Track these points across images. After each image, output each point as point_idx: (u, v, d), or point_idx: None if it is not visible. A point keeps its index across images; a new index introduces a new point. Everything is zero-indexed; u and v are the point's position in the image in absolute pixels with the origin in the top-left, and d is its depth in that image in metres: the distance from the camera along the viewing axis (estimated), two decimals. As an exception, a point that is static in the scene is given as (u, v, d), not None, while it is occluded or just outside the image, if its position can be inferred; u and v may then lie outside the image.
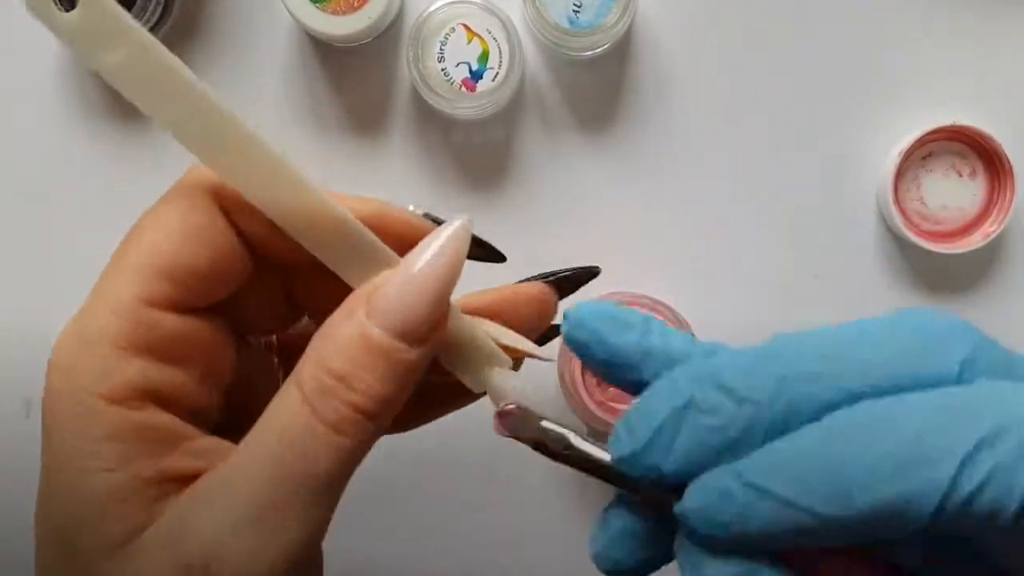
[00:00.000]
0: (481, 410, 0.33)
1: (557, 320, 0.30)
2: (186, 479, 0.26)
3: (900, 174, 0.50)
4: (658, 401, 0.23)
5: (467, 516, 0.53)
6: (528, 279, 0.32)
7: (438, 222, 0.27)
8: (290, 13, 0.47)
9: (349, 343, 0.25)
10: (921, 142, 0.50)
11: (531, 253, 0.52)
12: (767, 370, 0.23)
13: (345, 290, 0.27)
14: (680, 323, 0.47)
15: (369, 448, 0.26)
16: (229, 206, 0.27)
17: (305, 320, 0.32)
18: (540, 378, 0.50)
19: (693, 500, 0.23)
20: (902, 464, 0.21)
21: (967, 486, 0.20)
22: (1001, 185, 0.50)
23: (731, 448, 0.22)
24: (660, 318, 0.47)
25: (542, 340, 0.31)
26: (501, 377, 0.28)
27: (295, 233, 0.26)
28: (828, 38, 0.52)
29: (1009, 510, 0.20)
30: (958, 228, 0.51)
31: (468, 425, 0.53)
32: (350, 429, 0.25)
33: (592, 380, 0.47)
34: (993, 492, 0.20)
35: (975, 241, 0.50)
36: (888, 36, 0.52)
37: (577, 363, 0.47)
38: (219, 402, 0.29)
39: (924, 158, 0.51)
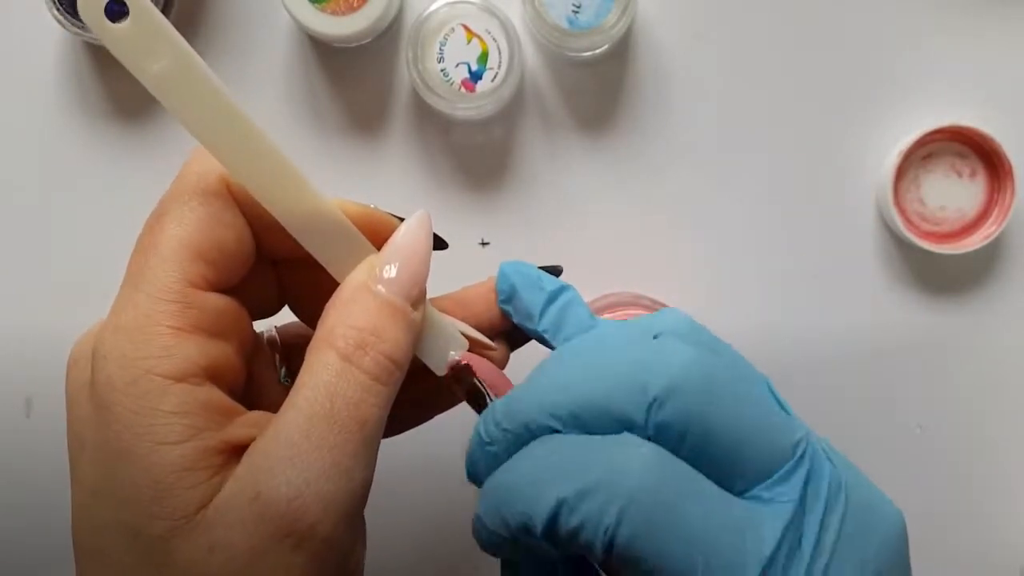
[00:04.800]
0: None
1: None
2: (244, 449, 0.28)
3: (900, 174, 0.50)
4: (474, 436, 0.31)
5: (464, 514, 0.52)
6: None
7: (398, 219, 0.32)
8: (290, 13, 0.47)
9: (372, 306, 0.29)
10: (921, 142, 0.50)
11: (531, 253, 0.52)
12: (517, 407, 0.29)
13: (324, 285, 0.30)
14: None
15: (392, 402, 0.29)
16: (235, 195, 0.30)
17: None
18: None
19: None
20: (522, 499, 0.28)
21: (566, 524, 0.27)
22: (1001, 185, 0.50)
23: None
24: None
25: (516, 344, 0.35)
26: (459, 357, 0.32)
27: (293, 228, 0.30)
28: (828, 38, 0.52)
29: (598, 549, 0.26)
30: (958, 228, 0.51)
31: (465, 424, 0.53)
32: (387, 377, 0.28)
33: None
34: (586, 534, 0.26)
35: (975, 242, 0.50)
36: (888, 36, 0.52)
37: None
38: (245, 380, 0.31)
39: (924, 158, 0.51)
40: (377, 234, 0.31)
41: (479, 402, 0.32)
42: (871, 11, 0.52)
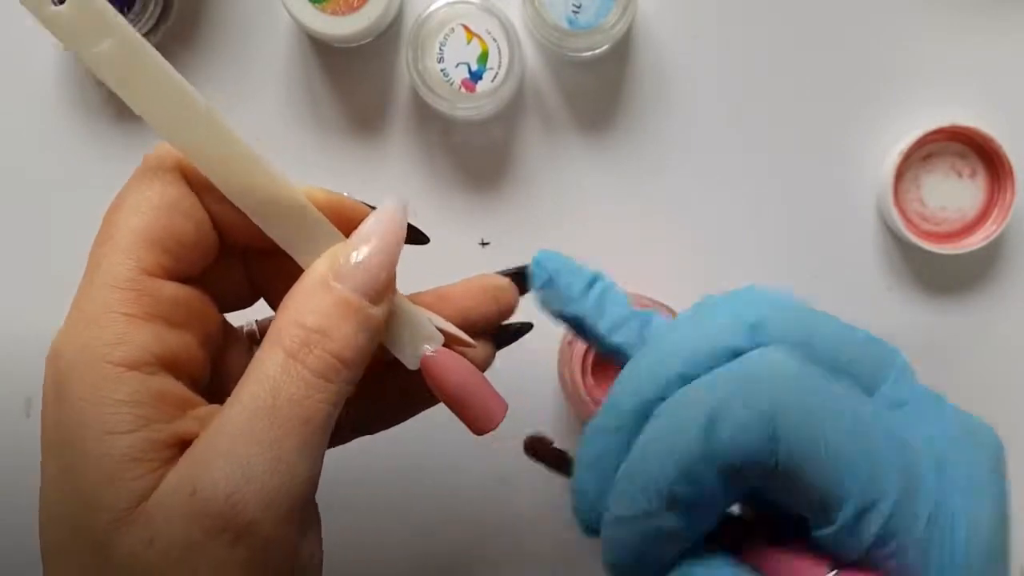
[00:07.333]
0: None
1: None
2: (192, 443, 0.27)
3: (900, 174, 0.50)
4: (583, 454, 0.29)
5: (464, 516, 0.53)
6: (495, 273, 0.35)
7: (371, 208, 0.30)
8: (290, 13, 0.47)
9: (322, 302, 0.28)
10: (921, 142, 0.50)
11: (530, 253, 0.52)
12: (619, 397, 0.29)
13: (296, 276, 0.29)
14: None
15: (347, 394, 0.29)
16: (194, 184, 0.29)
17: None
18: (539, 380, 0.50)
19: (602, 556, 0.29)
20: (670, 448, 0.26)
21: (723, 435, 0.25)
22: (1001, 185, 0.50)
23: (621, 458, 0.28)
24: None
25: (501, 343, 0.35)
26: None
27: (251, 211, 0.29)
28: (828, 38, 0.52)
29: (765, 453, 0.25)
30: (958, 229, 0.51)
31: (452, 428, 0.53)
32: (332, 375, 0.28)
33: (592, 381, 0.47)
34: (749, 437, 0.25)
35: (975, 242, 0.50)
36: (888, 36, 0.52)
37: (577, 363, 0.47)
38: (210, 373, 0.30)
39: (924, 158, 0.51)
40: (347, 222, 0.30)
41: (563, 467, 0.31)
42: (871, 11, 0.52)
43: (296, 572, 0.28)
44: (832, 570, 0.26)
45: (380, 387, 0.33)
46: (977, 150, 0.51)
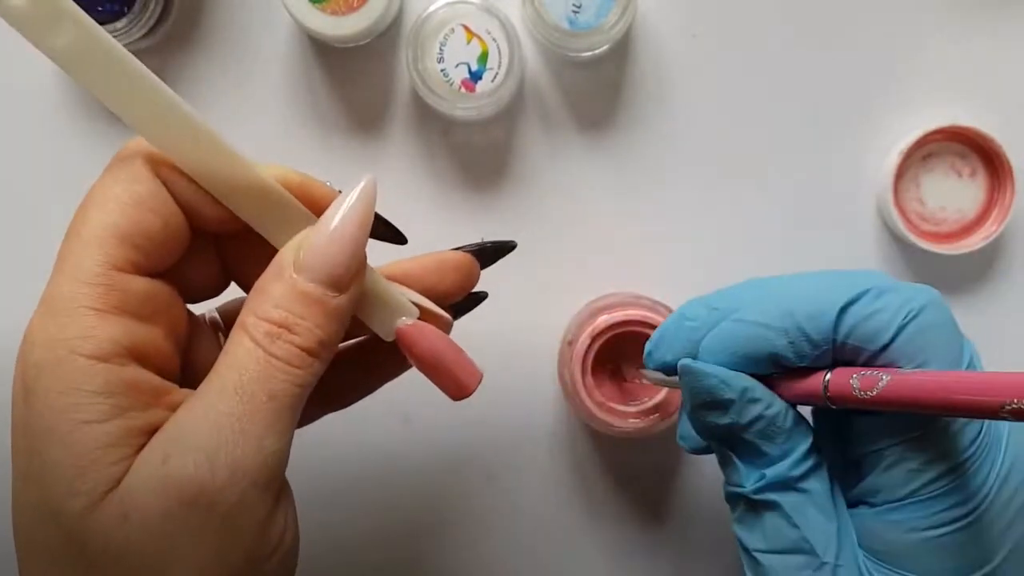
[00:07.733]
0: (478, 410, 0.33)
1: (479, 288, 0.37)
2: None
3: (900, 174, 0.50)
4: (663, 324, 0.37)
5: (465, 516, 0.53)
6: (453, 249, 0.36)
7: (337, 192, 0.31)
8: (290, 13, 0.47)
9: (284, 296, 0.28)
10: (921, 142, 0.50)
11: (531, 253, 0.52)
12: (731, 293, 0.35)
13: (268, 258, 0.30)
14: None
15: (318, 378, 0.29)
16: (165, 176, 0.30)
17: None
18: (539, 380, 0.50)
19: (706, 340, 0.35)
20: (810, 300, 0.33)
21: (866, 307, 0.32)
22: (1001, 185, 0.50)
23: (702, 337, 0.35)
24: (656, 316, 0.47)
25: (460, 312, 0.36)
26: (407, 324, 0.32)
27: (222, 196, 0.29)
28: (828, 38, 0.52)
29: (887, 334, 0.31)
30: (958, 229, 0.51)
31: (467, 425, 0.53)
32: (298, 362, 0.28)
33: (591, 381, 0.47)
34: (884, 317, 0.31)
35: (975, 242, 0.50)
36: (888, 36, 0.52)
37: (577, 364, 0.47)
38: (180, 366, 0.31)
39: (924, 158, 0.51)
40: (317, 205, 0.31)
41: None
42: (871, 11, 0.52)
43: (267, 545, 0.28)
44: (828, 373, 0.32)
45: (349, 362, 0.34)
46: (977, 150, 0.51)
